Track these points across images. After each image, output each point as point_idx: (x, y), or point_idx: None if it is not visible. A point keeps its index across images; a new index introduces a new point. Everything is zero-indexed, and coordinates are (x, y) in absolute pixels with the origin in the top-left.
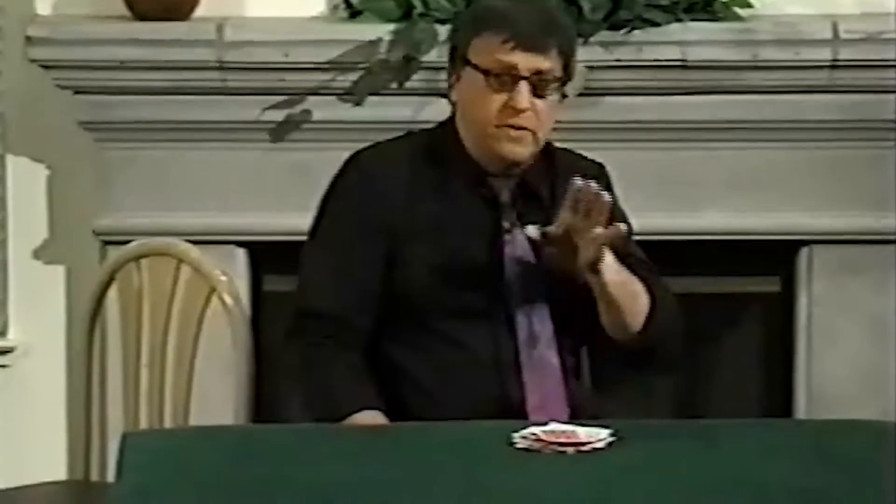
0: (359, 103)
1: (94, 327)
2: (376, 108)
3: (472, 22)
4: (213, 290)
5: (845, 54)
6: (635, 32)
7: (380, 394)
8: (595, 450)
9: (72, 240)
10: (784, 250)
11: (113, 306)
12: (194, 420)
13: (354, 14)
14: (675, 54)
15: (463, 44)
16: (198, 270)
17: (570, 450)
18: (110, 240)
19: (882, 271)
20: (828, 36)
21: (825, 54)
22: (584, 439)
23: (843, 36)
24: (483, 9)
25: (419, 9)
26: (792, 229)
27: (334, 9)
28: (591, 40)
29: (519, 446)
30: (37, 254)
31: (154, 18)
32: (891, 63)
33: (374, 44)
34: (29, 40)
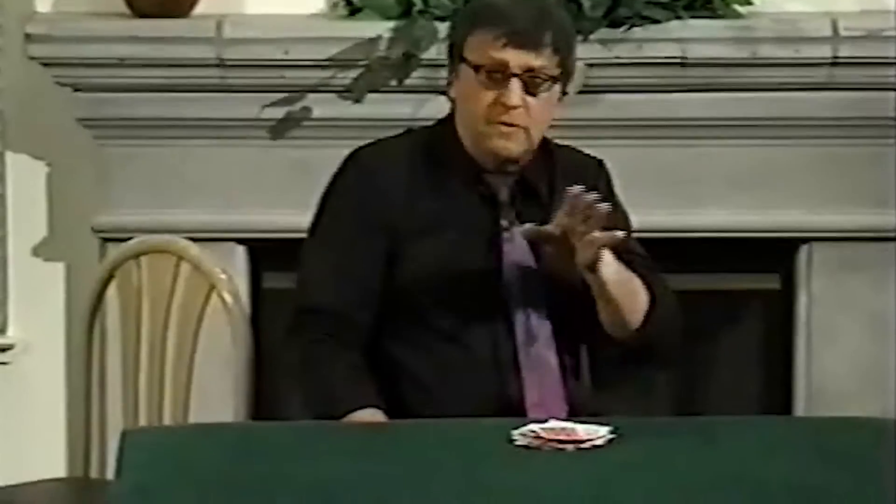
0: (358, 100)
1: (94, 324)
2: (376, 106)
3: (469, 19)
4: (212, 287)
5: (845, 52)
6: (635, 30)
7: (379, 392)
8: (594, 447)
9: (71, 237)
10: (784, 248)
11: (112, 303)
12: (194, 417)
13: (354, 11)
14: (674, 52)
15: (460, 41)
16: (197, 268)
17: (569, 447)
18: (110, 237)
19: (882, 269)
20: (827, 33)
21: (825, 52)
22: (584, 437)
23: (843, 33)
24: (480, 6)
25: (419, 6)
26: (792, 227)
27: (334, 6)
28: (591, 38)
29: (518, 444)
30: (36, 251)
31: (153, 15)
32: (891, 61)
33: (373, 41)
34: (28, 37)
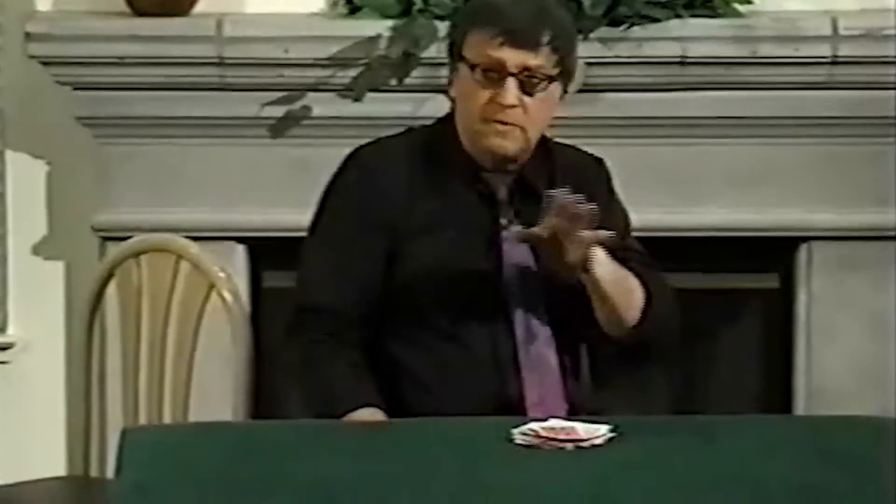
0: (358, 99)
1: (94, 323)
2: (375, 105)
3: (468, 17)
4: (212, 286)
5: (845, 51)
6: (635, 29)
7: (379, 391)
8: (594, 446)
9: (71, 236)
10: (783, 247)
11: (112, 302)
12: (193, 416)
13: (354, 10)
14: (674, 50)
15: (459, 39)
16: (197, 267)
17: (569, 446)
18: (110, 236)
19: (882, 268)
20: (827, 32)
21: (825, 51)
22: (584, 436)
23: (843, 32)
24: (480, 4)
25: (418, 5)
26: (791, 226)
27: (334, 5)
28: (591, 36)
29: (518, 442)
30: (36, 250)
31: (153, 14)
32: (890, 59)
33: (373, 40)
34: (28, 36)
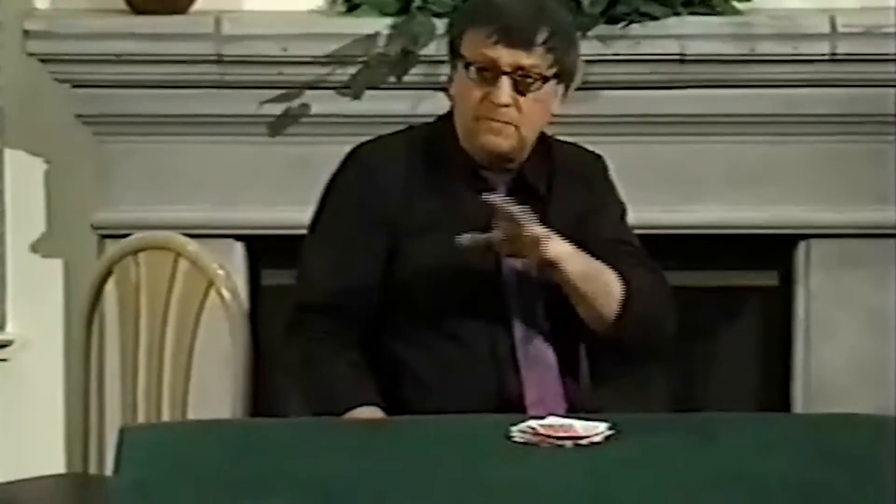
0: (357, 97)
1: (93, 321)
2: (374, 102)
3: (466, 15)
4: (211, 283)
5: (843, 48)
6: (633, 26)
7: (379, 389)
8: (593, 444)
9: (70, 233)
10: (782, 244)
11: (111, 300)
12: (192, 414)
13: (352, 8)
14: (672, 48)
15: (457, 37)
16: (196, 264)
17: (567, 443)
18: (108, 233)
19: (881, 265)
20: (826, 30)
21: (823, 48)
22: (582, 433)
23: (841, 30)
24: (478, 3)
25: (417, 2)
26: (790, 223)
27: (332, 2)
28: (589, 34)
29: (517, 440)
30: (35, 247)
31: (152, 12)
32: (889, 57)
33: (372, 38)
34: (27, 34)
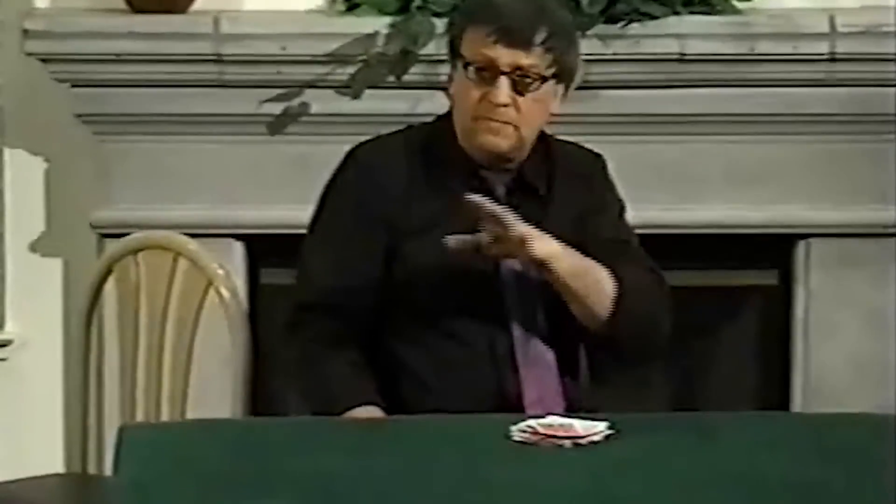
0: (356, 96)
1: (92, 320)
2: (374, 102)
3: (465, 15)
4: (210, 283)
5: (843, 48)
6: (632, 26)
7: (378, 389)
8: (592, 443)
9: (69, 233)
10: (781, 243)
11: (110, 299)
12: (191, 413)
13: (352, 7)
14: (672, 48)
15: (457, 37)
16: (195, 263)
17: (567, 443)
18: (108, 233)
19: (881, 265)
20: (825, 29)
21: (823, 48)
22: (582, 432)
23: (841, 29)
24: (478, 2)
25: (417, 2)
26: (789, 222)
27: (332, 2)
28: (589, 34)
29: (516, 439)
30: (34, 247)
31: (151, 11)
32: (889, 56)
33: (371, 37)
34: (26, 33)
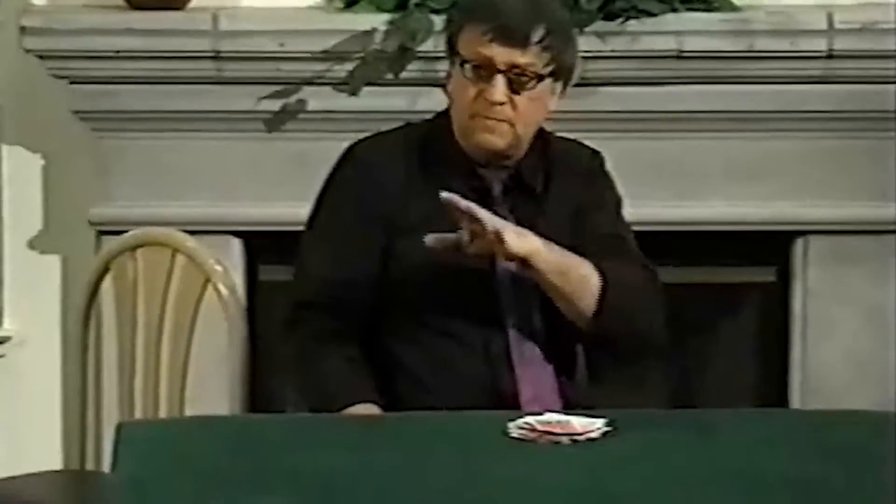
0: (354, 93)
1: (90, 317)
2: (372, 98)
3: (463, 12)
4: (208, 279)
5: (841, 45)
6: (630, 22)
7: (376, 387)
8: (590, 440)
9: (67, 229)
10: (780, 240)
11: (108, 296)
12: (190, 410)
13: (350, 3)
14: (670, 44)
15: (454, 34)
16: (193, 260)
17: (564, 440)
18: (106, 229)
19: (880, 261)
20: (823, 26)
21: (821, 44)
22: (579, 429)
23: (839, 26)
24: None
25: None
26: (788, 219)
27: None
28: (587, 30)
29: (514, 436)
30: (32, 243)
31: (149, 8)
32: (887, 54)
33: (369, 34)
34: (24, 30)
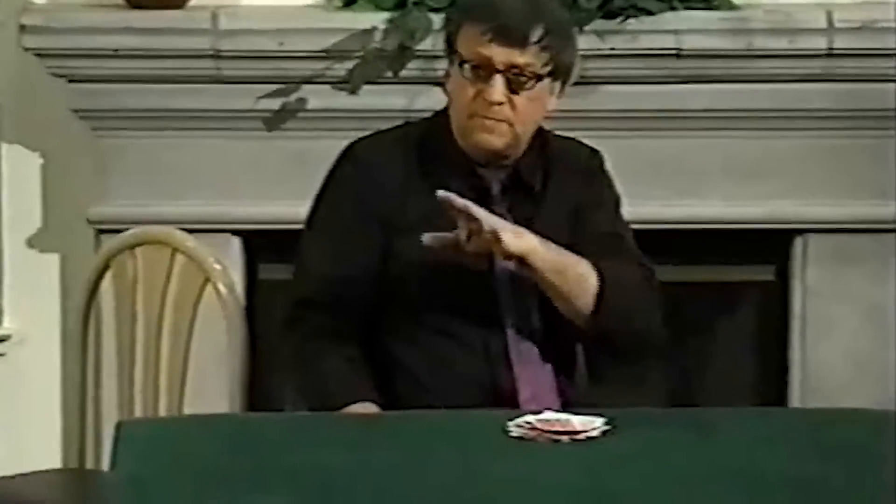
0: (354, 92)
1: (89, 316)
2: (371, 97)
3: (462, 11)
4: (207, 278)
5: (840, 43)
6: (630, 21)
7: (375, 386)
8: (590, 438)
9: (66, 228)
10: (779, 239)
11: (108, 295)
12: (189, 408)
13: (349, 2)
14: (669, 43)
15: (453, 33)
16: (193, 259)
17: (564, 438)
18: (105, 228)
19: (879, 260)
20: (822, 25)
21: (820, 43)
22: (579, 428)
23: (838, 25)
24: None
25: None
26: (787, 218)
27: None
28: (586, 29)
29: (513, 435)
30: (31, 242)
31: (149, 6)
32: (886, 52)
33: (368, 32)
34: (23, 29)
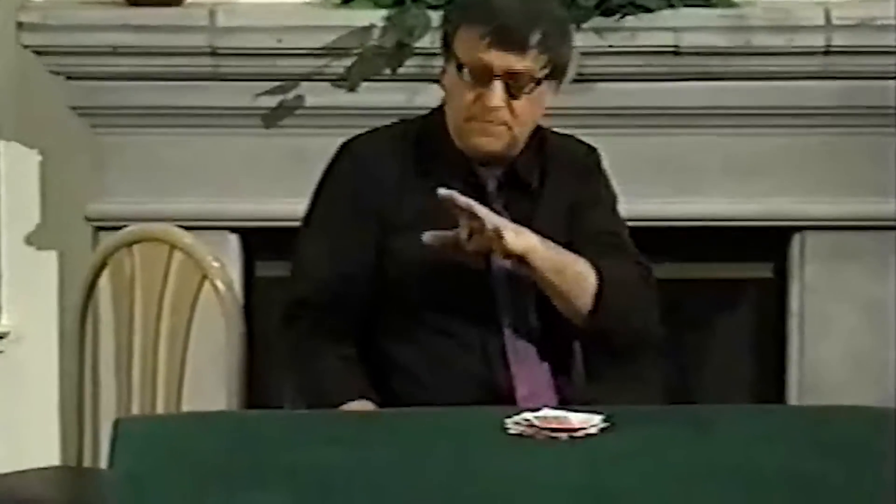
0: (352, 89)
1: (87, 313)
2: (369, 94)
3: (459, 12)
4: (205, 275)
5: (838, 40)
6: (628, 18)
7: (371, 384)
8: (588, 435)
9: (64, 225)
10: (777, 236)
11: (105, 292)
12: (187, 406)
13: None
14: (668, 40)
15: (451, 33)
16: (190, 256)
17: (562, 435)
18: (103, 225)
19: (879, 258)
20: (821, 22)
21: (818, 40)
22: (577, 425)
23: (836, 22)
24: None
25: None
26: (785, 215)
27: None
28: (584, 26)
29: (512, 432)
30: (29, 239)
31: (147, 4)
32: (884, 49)
33: (366, 30)
34: (21, 26)
